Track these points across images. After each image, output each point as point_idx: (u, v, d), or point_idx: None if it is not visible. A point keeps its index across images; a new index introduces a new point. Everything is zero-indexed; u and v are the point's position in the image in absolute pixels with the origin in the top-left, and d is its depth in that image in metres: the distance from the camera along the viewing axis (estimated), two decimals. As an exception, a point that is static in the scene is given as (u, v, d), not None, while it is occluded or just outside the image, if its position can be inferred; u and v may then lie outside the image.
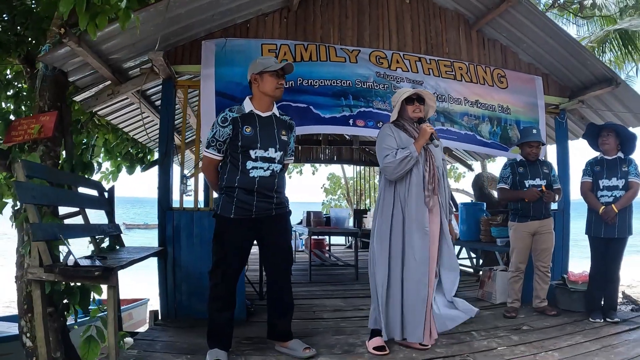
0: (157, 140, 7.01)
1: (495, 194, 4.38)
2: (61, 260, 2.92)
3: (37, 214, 2.91)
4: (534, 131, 4.43)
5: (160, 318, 3.97)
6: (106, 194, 4.26)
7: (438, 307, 3.12)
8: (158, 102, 5.36)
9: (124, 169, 5.84)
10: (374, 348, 3.08)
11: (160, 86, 4.42)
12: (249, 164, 2.89)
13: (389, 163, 3.02)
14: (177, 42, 4.17)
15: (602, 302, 4.11)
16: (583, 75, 4.99)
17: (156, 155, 6.68)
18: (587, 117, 5.59)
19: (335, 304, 4.70)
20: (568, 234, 5.00)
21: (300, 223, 7.28)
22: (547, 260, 4.30)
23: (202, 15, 3.96)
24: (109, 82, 4.29)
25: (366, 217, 9.68)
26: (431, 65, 4.66)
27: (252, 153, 2.89)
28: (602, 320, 3.94)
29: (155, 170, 4.67)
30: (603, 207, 4.01)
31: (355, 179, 13.81)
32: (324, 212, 10.51)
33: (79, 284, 3.52)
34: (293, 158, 3.29)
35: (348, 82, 4.33)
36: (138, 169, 5.94)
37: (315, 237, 7.33)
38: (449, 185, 3.38)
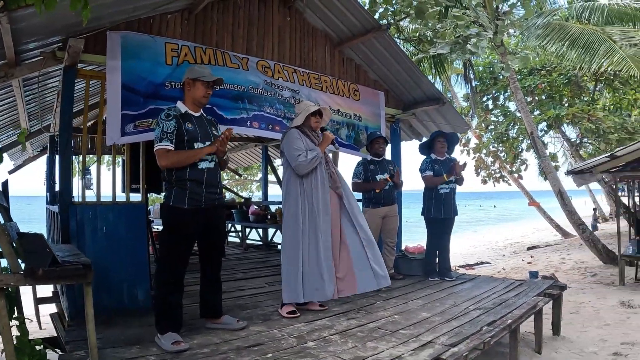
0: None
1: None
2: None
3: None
4: (378, 133, 6.68)
5: (68, 319, 4.42)
6: (-1, 188, 4.49)
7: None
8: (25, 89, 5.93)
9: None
10: (287, 313, 4.50)
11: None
12: None
13: (302, 161, 4.54)
14: (83, 30, 4.63)
15: (437, 267, 6.60)
16: (417, 93, 7.43)
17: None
18: (414, 126, 8.14)
19: (217, 287, 6.03)
20: (401, 216, 7.33)
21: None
22: (393, 237, 6.60)
23: (119, 7, 4.64)
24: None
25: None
26: (304, 77, 6.41)
27: (197, 146, 3.79)
28: (439, 279, 6.42)
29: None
30: (445, 175, 6.43)
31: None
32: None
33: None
34: None
35: (243, 87, 5.75)
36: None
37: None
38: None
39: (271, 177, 12.74)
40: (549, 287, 5.93)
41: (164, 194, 4.01)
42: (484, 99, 18.49)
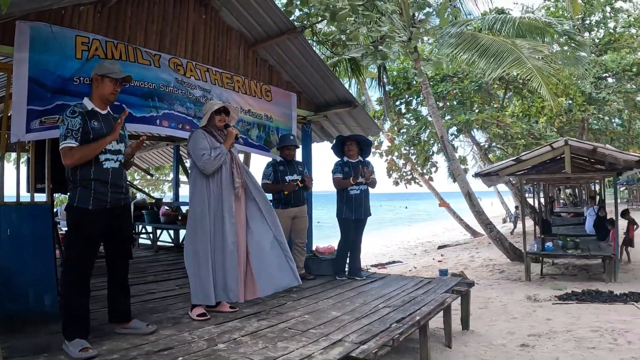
0: None
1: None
2: None
3: None
4: (291, 137, 6.96)
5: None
6: None
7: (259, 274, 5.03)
8: None
9: None
10: (198, 315, 4.58)
11: None
12: (102, 157, 3.81)
13: (206, 160, 4.73)
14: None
15: (348, 266, 6.98)
16: (329, 96, 7.88)
17: None
18: (325, 128, 8.58)
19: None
20: (311, 217, 7.72)
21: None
22: (303, 237, 6.95)
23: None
24: None
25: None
26: (217, 77, 6.63)
27: None
28: (347, 278, 6.80)
29: None
30: (353, 177, 6.79)
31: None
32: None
33: None
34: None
35: (153, 85, 5.86)
36: None
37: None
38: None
39: (183, 178, 12.76)
40: (457, 284, 6.36)
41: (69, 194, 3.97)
42: (397, 103, 19.46)
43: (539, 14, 19.57)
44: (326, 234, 16.73)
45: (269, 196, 6.80)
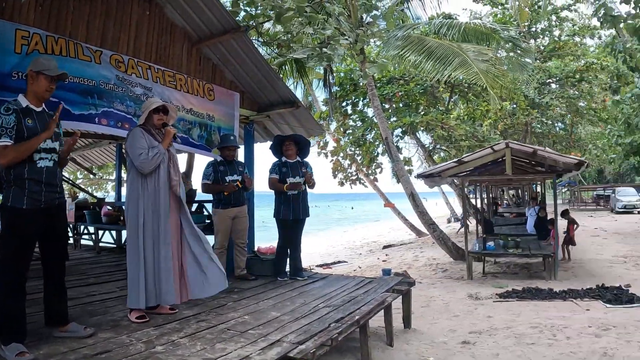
0: None
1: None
2: None
3: None
4: (232, 138, 7.11)
5: None
6: None
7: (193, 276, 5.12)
8: None
9: None
10: (137, 318, 4.60)
11: None
12: (36, 155, 3.85)
13: (144, 159, 4.81)
14: None
15: (288, 267, 7.14)
16: (272, 96, 8.08)
17: None
18: (268, 128, 8.79)
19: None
20: (253, 217, 7.91)
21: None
22: (244, 238, 7.07)
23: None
24: None
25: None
26: (158, 74, 6.70)
27: None
28: (287, 279, 6.97)
29: None
30: (287, 185, 6.93)
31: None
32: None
33: None
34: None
35: (93, 82, 5.87)
36: None
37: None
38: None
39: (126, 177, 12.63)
40: (397, 284, 6.47)
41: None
42: (344, 104, 19.89)
43: (487, 20, 20.30)
44: (272, 235, 16.94)
45: (209, 196, 6.97)
